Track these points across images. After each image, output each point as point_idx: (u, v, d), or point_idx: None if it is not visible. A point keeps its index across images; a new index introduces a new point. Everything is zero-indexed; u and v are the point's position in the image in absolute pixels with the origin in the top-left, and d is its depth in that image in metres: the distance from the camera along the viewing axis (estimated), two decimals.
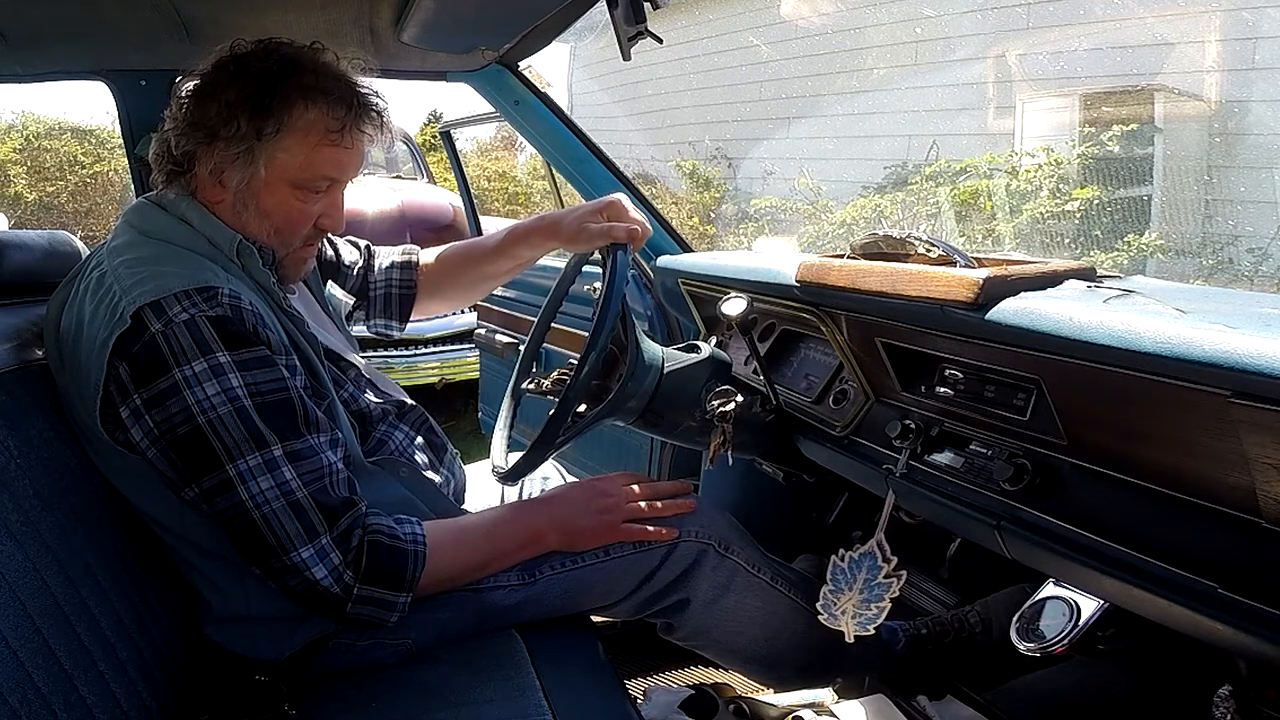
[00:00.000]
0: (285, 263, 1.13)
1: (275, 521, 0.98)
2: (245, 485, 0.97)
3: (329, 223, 1.13)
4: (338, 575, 1.00)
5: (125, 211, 1.12)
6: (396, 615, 1.05)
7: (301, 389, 1.04)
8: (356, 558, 1.01)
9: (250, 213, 1.07)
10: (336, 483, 1.03)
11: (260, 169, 1.04)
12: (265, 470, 0.97)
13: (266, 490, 0.97)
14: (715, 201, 7.63)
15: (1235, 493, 0.80)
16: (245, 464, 0.97)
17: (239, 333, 0.98)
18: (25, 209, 8.19)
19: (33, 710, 0.79)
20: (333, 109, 1.05)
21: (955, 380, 1.12)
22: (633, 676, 1.65)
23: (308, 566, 0.99)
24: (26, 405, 1.00)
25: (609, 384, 1.32)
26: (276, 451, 0.98)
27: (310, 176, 1.07)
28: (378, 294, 1.44)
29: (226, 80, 1.04)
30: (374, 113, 1.09)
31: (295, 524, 0.98)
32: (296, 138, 1.04)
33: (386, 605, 1.04)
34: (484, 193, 9.16)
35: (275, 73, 1.04)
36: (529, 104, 1.90)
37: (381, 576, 1.03)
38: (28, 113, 8.64)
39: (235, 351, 0.98)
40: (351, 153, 1.09)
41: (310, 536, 0.99)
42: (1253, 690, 0.95)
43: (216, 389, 0.96)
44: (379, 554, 1.02)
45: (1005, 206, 5.06)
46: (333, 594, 1.01)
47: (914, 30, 6.07)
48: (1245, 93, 4.35)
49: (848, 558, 1.23)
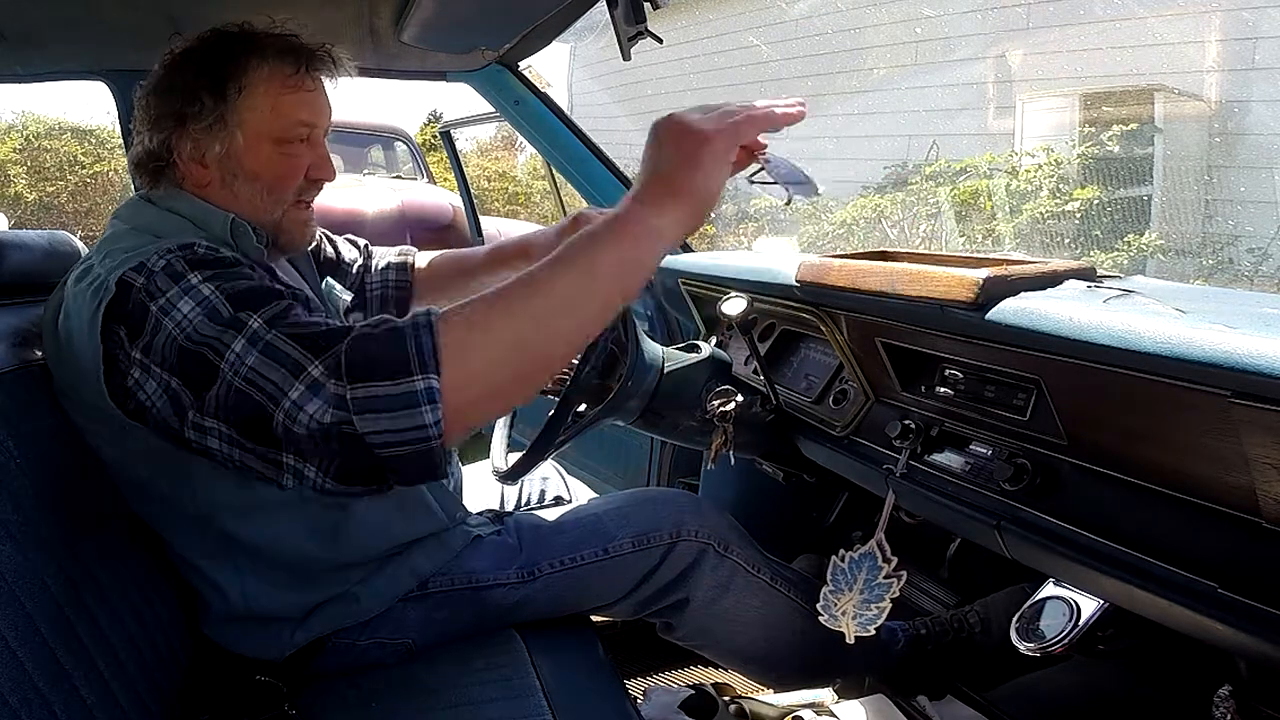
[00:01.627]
0: (284, 225, 1.12)
1: (257, 377, 0.80)
2: (230, 365, 0.82)
3: (319, 173, 1.12)
4: (331, 396, 0.77)
5: (117, 209, 1.13)
6: (433, 425, 0.75)
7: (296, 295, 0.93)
8: (339, 362, 0.78)
9: (240, 181, 1.07)
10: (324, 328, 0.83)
11: (236, 133, 1.05)
12: (247, 344, 0.82)
13: (240, 351, 0.82)
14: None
15: (1235, 493, 0.80)
16: (233, 351, 0.82)
17: (213, 260, 0.93)
18: (25, 209, 8.20)
19: (33, 710, 0.79)
20: (282, 58, 1.06)
21: (955, 380, 1.12)
22: (633, 676, 1.65)
23: (301, 407, 0.77)
24: (26, 405, 1.00)
25: (609, 384, 1.32)
26: (255, 322, 0.83)
27: (284, 125, 1.07)
28: (374, 294, 1.44)
29: (177, 69, 1.06)
30: (322, 54, 1.10)
31: (277, 368, 0.80)
32: (259, 92, 1.05)
33: (403, 404, 0.75)
34: (484, 193, 9.16)
35: (220, 44, 1.06)
36: (529, 104, 1.90)
37: (376, 366, 0.76)
38: (28, 113, 8.65)
39: (209, 270, 0.91)
40: (315, 94, 1.10)
41: (296, 372, 0.79)
42: (1253, 690, 0.95)
43: (190, 304, 0.87)
44: (367, 345, 0.78)
45: (1005, 206, 5.06)
46: (337, 423, 0.76)
47: (914, 30, 6.07)
48: (1245, 93, 4.35)
49: (848, 558, 1.23)
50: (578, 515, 1.28)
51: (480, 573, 1.18)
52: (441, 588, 1.16)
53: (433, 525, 1.18)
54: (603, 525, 1.23)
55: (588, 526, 1.24)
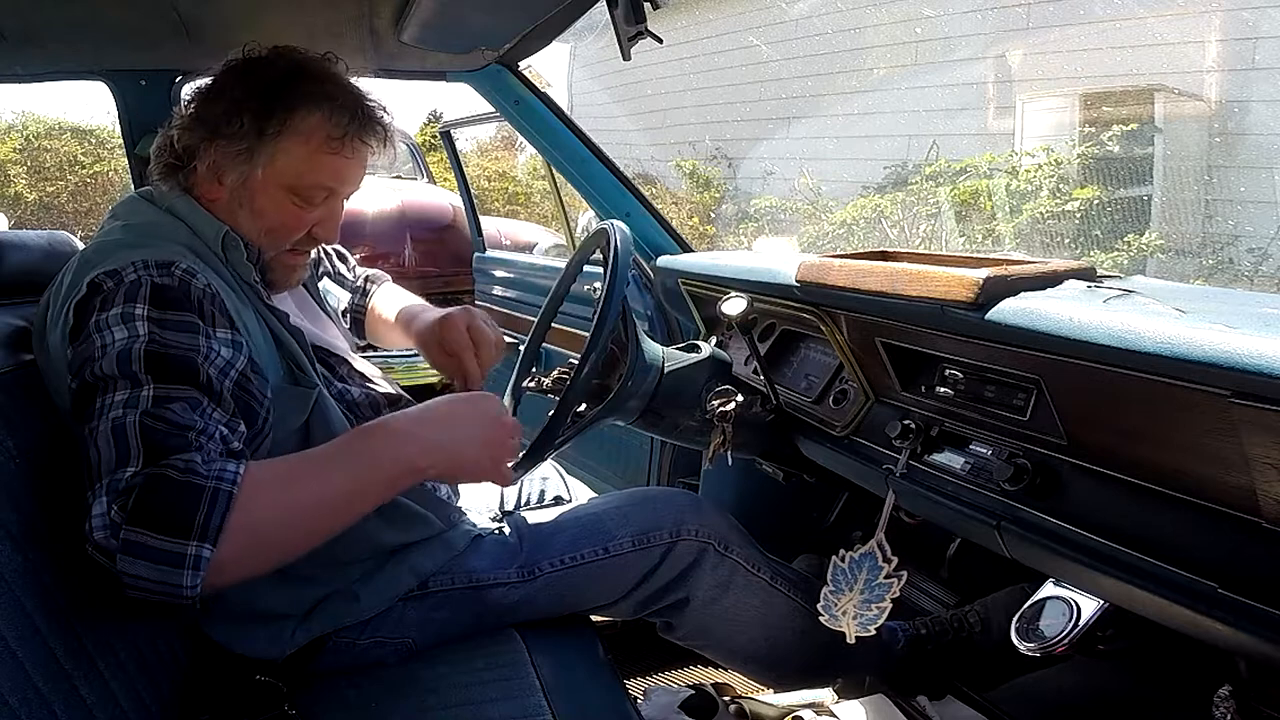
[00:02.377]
0: (273, 265, 1.11)
1: (93, 448, 0.80)
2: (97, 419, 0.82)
3: (323, 233, 1.12)
4: (106, 516, 0.75)
5: (115, 205, 1.12)
6: (189, 588, 0.75)
7: (227, 369, 0.92)
8: (129, 492, 0.76)
9: (245, 212, 1.06)
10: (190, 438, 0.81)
11: (258, 170, 1.04)
12: (122, 405, 0.82)
13: (106, 411, 0.82)
14: (715, 201, 7.64)
15: (1235, 493, 0.80)
16: (112, 397, 0.83)
17: (173, 299, 0.93)
18: (25, 209, 8.19)
19: (33, 710, 0.79)
20: (336, 115, 1.04)
21: (955, 380, 1.12)
22: (633, 676, 1.65)
23: (94, 499, 0.76)
24: (26, 405, 1.00)
25: (609, 384, 1.32)
26: (145, 391, 0.83)
27: (307, 184, 1.06)
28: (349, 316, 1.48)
29: (234, 79, 1.04)
30: (378, 125, 1.09)
31: (109, 449, 0.79)
32: (297, 141, 1.03)
33: (168, 560, 0.74)
34: (484, 193, 9.15)
35: (283, 75, 1.04)
36: (529, 104, 1.90)
37: (157, 517, 0.75)
38: (28, 113, 8.64)
39: (159, 310, 0.90)
40: (352, 163, 1.08)
41: (109, 469, 0.78)
42: (1253, 690, 0.95)
43: (124, 333, 0.88)
44: (160, 489, 0.76)
45: (1005, 206, 5.07)
46: (102, 544, 0.75)
47: (914, 30, 6.08)
48: (1245, 93, 4.35)
49: (848, 558, 1.23)
50: (578, 515, 1.28)
51: (480, 572, 1.18)
52: (442, 586, 1.16)
53: (428, 531, 1.18)
54: (603, 524, 1.23)
55: (588, 526, 1.24)
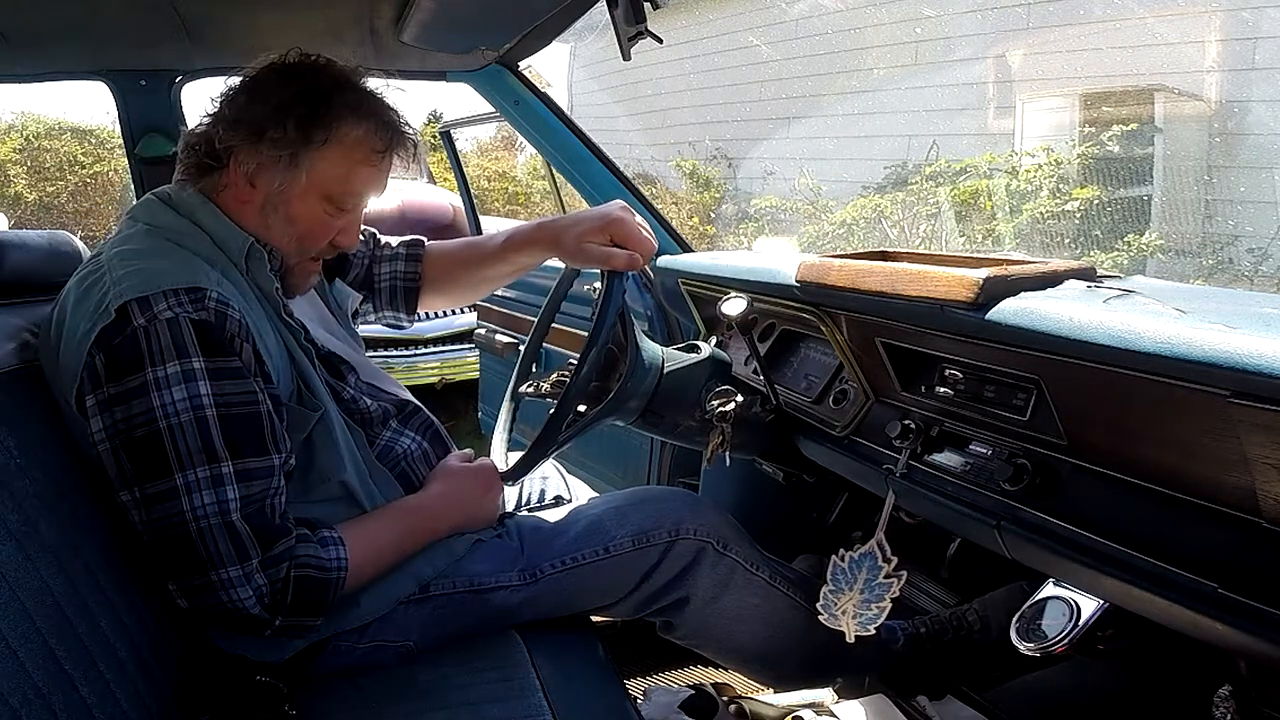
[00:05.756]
0: (293, 271, 1.13)
1: (209, 537, 0.97)
2: (189, 497, 0.96)
3: (344, 240, 1.14)
4: (261, 600, 0.99)
5: (133, 207, 1.12)
6: (314, 630, 1.07)
7: (276, 408, 1.04)
8: (284, 589, 1.00)
9: (278, 217, 1.08)
10: (276, 505, 1.02)
11: (301, 175, 1.06)
12: (210, 485, 0.97)
13: (208, 505, 0.97)
14: (715, 201, 7.63)
15: (1235, 493, 0.80)
16: (194, 474, 0.96)
17: (218, 340, 0.98)
18: (25, 209, 8.19)
19: (33, 710, 0.79)
20: (379, 130, 1.08)
21: (955, 380, 1.12)
22: (633, 676, 1.65)
23: (233, 585, 0.98)
24: (26, 405, 1.00)
25: (609, 384, 1.32)
26: (226, 468, 0.97)
27: (345, 191, 1.09)
28: (383, 286, 1.43)
29: (278, 84, 1.05)
30: (410, 142, 1.12)
31: (229, 544, 0.97)
32: (341, 151, 1.06)
33: (306, 628, 1.05)
34: (484, 193, 9.15)
35: (329, 84, 1.06)
36: (529, 104, 1.90)
37: (306, 607, 1.03)
38: (28, 113, 8.63)
39: (211, 359, 0.97)
40: (384, 175, 1.12)
41: (241, 558, 0.98)
42: (1253, 690, 0.95)
43: (184, 394, 0.95)
44: (307, 587, 1.02)
45: (1005, 206, 5.06)
46: (255, 617, 1.00)
47: (914, 30, 6.07)
48: (1245, 93, 4.34)
49: (848, 558, 1.23)
50: (578, 515, 1.28)
51: (482, 576, 1.18)
52: (443, 590, 1.16)
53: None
54: (602, 524, 1.23)
55: (588, 527, 1.24)
